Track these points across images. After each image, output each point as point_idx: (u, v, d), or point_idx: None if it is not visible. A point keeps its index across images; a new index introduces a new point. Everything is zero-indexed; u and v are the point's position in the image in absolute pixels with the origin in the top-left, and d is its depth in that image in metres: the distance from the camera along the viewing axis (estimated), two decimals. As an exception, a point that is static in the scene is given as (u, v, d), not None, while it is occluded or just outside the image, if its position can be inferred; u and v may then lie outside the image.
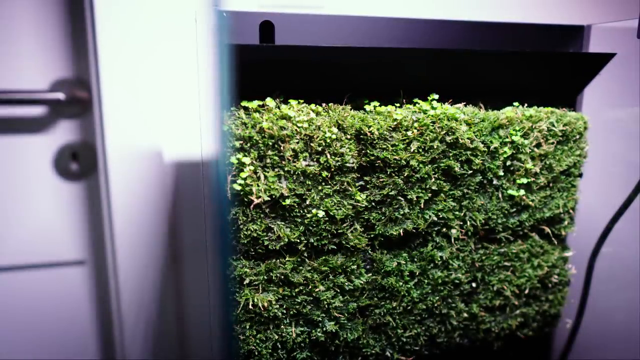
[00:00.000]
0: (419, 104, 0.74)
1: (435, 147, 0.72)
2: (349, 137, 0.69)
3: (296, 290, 0.70)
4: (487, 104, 0.79)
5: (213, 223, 0.82)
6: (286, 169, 0.66)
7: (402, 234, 0.74)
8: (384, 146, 0.70)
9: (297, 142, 0.66)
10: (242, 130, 0.65)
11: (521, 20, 0.84)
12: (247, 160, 0.65)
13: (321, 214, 0.68)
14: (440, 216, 0.76)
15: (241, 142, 0.65)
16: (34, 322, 0.85)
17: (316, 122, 0.67)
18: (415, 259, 0.77)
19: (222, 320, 0.52)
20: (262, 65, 0.67)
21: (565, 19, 0.88)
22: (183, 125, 0.83)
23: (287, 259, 0.70)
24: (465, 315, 0.82)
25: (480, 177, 0.77)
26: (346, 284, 0.73)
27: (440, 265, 0.78)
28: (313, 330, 0.72)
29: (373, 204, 0.72)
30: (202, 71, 0.80)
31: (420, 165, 0.72)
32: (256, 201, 0.65)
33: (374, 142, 0.70)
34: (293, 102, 0.69)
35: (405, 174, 0.71)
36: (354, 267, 0.73)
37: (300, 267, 0.70)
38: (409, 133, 0.71)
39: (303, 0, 0.80)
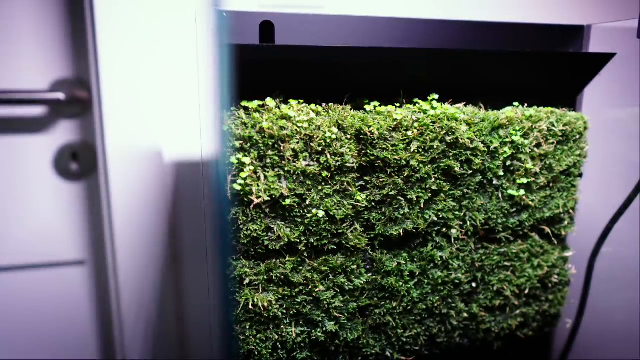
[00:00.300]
0: (419, 104, 0.74)
1: (435, 147, 0.72)
2: (349, 137, 0.69)
3: (296, 290, 0.70)
4: (487, 104, 0.79)
5: (213, 223, 0.82)
6: (286, 169, 0.66)
7: (402, 234, 0.74)
8: (384, 146, 0.70)
9: (297, 142, 0.66)
10: (242, 130, 0.65)
11: (521, 20, 0.84)
12: (247, 160, 0.65)
13: (321, 214, 0.68)
14: (440, 216, 0.76)
15: (241, 142, 0.65)
16: (34, 322, 0.85)
17: (316, 122, 0.67)
18: (415, 259, 0.77)
19: (222, 320, 0.52)
20: (262, 65, 0.67)
21: (565, 19, 0.88)
22: (183, 125, 0.83)
23: (287, 259, 0.70)
24: (465, 315, 0.82)
25: (480, 177, 0.77)
26: (346, 284, 0.73)
27: (440, 265, 0.78)
28: (313, 330, 0.72)
29: (373, 204, 0.72)
30: (202, 71, 0.80)
31: (420, 165, 0.72)
32: (256, 201, 0.65)
33: (374, 142, 0.70)
34: (293, 102, 0.69)
35: (405, 174, 0.71)
36: (354, 267, 0.73)
37: (300, 267, 0.70)
38: (409, 133, 0.71)
39: (303, 0, 0.80)
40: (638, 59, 0.83)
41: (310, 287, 0.71)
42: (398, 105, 0.74)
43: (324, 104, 0.71)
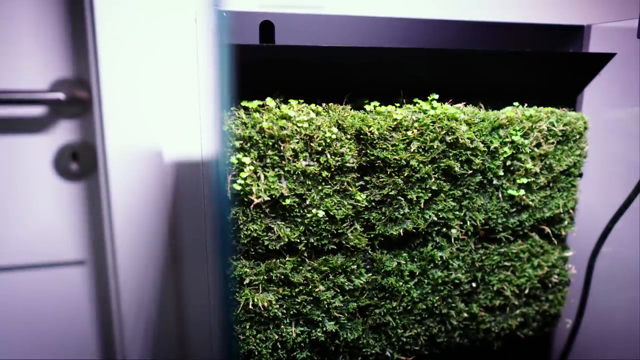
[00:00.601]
0: (419, 104, 0.74)
1: (435, 147, 0.72)
2: (349, 137, 0.69)
3: (296, 290, 0.70)
4: (487, 104, 0.79)
5: (213, 223, 0.82)
6: (286, 168, 0.66)
7: (402, 234, 0.74)
8: (384, 146, 0.70)
9: (297, 142, 0.66)
10: (242, 130, 0.65)
11: (521, 20, 0.84)
12: (247, 160, 0.65)
13: (321, 214, 0.68)
14: (440, 216, 0.76)
15: (241, 142, 0.65)
16: (34, 322, 0.85)
17: (316, 122, 0.67)
18: (415, 259, 0.77)
19: (222, 320, 0.52)
20: (262, 65, 0.67)
21: (565, 19, 0.88)
22: (183, 125, 0.83)
23: (287, 259, 0.70)
24: (465, 315, 0.82)
25: (480, 177, 0.77)
26: (346, 284, 0.73)
27: (440, 265, 0.78)
28: (313, 330, 0.72)
29: (373, 204, 0.72)
30: (202, 71, 0.80)
31: (420, 165, 0.72)
32: (256, 201, 0.65)
33: (374, 142, 0.70)
34: (293, 102, 0.69)
35: (405, 173, 0.71)
36: (354, 267, 0.73)
37: (300, 267, 0.70)
38: (409, 133, 0.71)
39: (303, 0, 0.80)
40: (638, 59, 0.83)
41: (310, 287, 0.71)
42: (398, 105, 0.74)
43: (324, 104, 0.71)
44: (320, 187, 0.68)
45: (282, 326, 0.71)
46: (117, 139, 0.78)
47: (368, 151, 0.70)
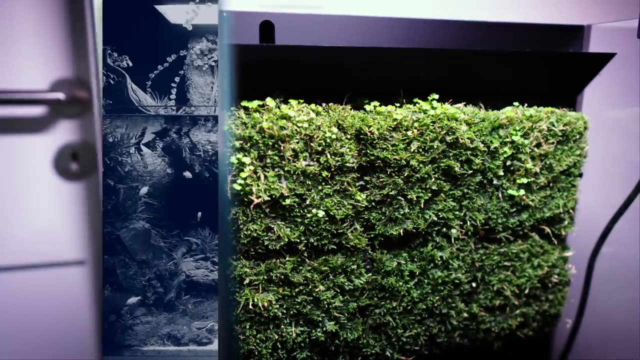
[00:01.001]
0: (419, 104, 0.74)
1: (435, 147, 0.72)
2: (349, 137, 0.69)
3: (296, 290, 0.70)
4: (487, 104, 0.79)
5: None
6: (286, 168, 0.66)
7: (402, 233, 0.74)
8: (384, 146, 0.70)
9: (297, 142, 0.66)
10: (242, 130, 0.64)
11: (521, 20, 0.84)
12: (247, 160, 0.65)
13: (321, 213, 0.68)
14: (440, 216, 0.76)
15: (241, 142, 0.65)
16: (34, 322, 0.85)
17: (316, 122, 0.67)
18: (415, 259, 0.77)
19: (222, 320, 0.52)
20: (262, 65, 0.67)
21: (565, 19, 0.88)
22: (183, 125, 0.83)
23: (287, 259, 0.70)
24: (465, 315, 0.82)
25: (480, 177, 0.77)
26: (346, 283, 0.73)
27: (440, 265, 0.78)
28: (313, 330, 0.72)
29: (373, 203, 0.72)
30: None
31: (420, 165, 0.72)
32: (256, 201, 0.65)
33: (374, 142, 0.70)
34: (293, 102, 0.69)
35: (405, 173, 0.71)
36: (354, 267, 0.73)
37: (300, 267, 0.70)
38: (409, 133, 0.71)
39: (303, 0, 0.80)
40: (638, 59, 0.83)
41: (310, 287, 0.71)
42: (398, 105, 0.74)
43: (324, 104, 0.71)
44: (320, 187, 0.68)
45: (282, 326, 0.71)
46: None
47: (368, 151, 0.70)
